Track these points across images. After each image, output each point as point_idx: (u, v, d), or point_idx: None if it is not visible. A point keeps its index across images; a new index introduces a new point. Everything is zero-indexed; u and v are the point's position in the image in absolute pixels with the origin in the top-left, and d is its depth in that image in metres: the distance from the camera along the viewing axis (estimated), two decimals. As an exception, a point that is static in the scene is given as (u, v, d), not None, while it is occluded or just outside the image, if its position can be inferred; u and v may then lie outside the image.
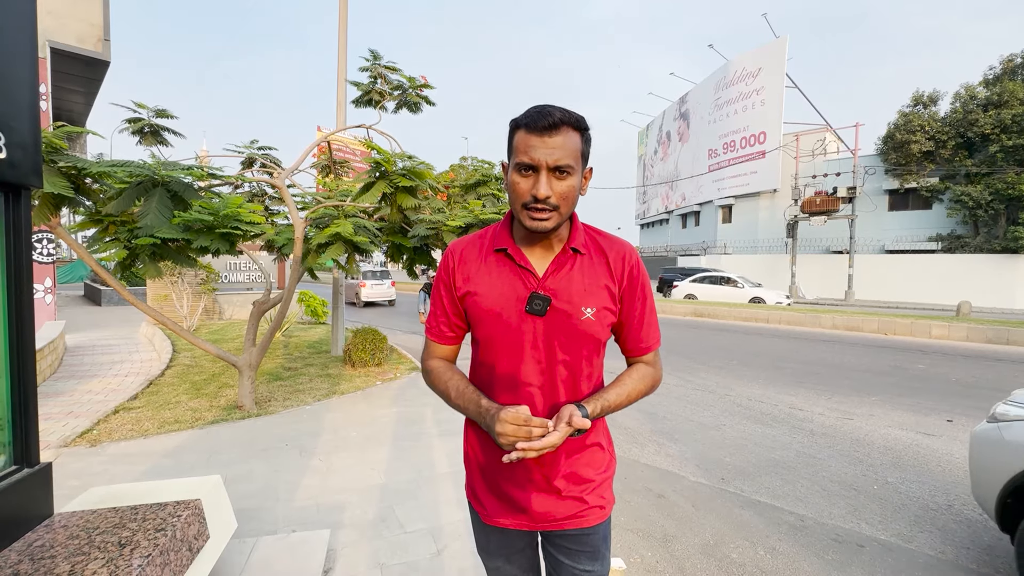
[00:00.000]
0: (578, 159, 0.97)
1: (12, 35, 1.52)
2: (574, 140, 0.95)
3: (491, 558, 1.21)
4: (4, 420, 1.61)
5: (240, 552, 2.31)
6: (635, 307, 1.09)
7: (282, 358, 7.20)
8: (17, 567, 1.38)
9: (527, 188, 0.96)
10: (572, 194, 0.98)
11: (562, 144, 0.94)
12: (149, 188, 3.56)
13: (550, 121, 0.93)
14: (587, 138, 1.00)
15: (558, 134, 0.93)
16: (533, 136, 0.94)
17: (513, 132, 0.99)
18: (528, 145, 0.94)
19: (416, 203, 5.03)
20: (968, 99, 20.24)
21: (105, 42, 7.95)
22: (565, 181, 0.96)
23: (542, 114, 0.93)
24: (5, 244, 1.59)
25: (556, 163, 0.93)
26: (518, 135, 0.97)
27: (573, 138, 0.95)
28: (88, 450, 3.73)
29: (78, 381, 5.74)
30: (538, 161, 0.93)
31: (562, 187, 0.96)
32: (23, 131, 1.57)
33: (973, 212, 19.97)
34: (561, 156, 0.93)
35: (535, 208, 0.96)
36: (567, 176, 0.96)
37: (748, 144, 27.13)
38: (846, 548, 2.65)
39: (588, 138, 1.00)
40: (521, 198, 0.97)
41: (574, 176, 0.97)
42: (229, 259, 13.44)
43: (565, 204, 0.97)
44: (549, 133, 0.93)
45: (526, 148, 0.94)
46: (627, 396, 1.07)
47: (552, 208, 0.96)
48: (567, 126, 0.94)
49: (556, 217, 0.97)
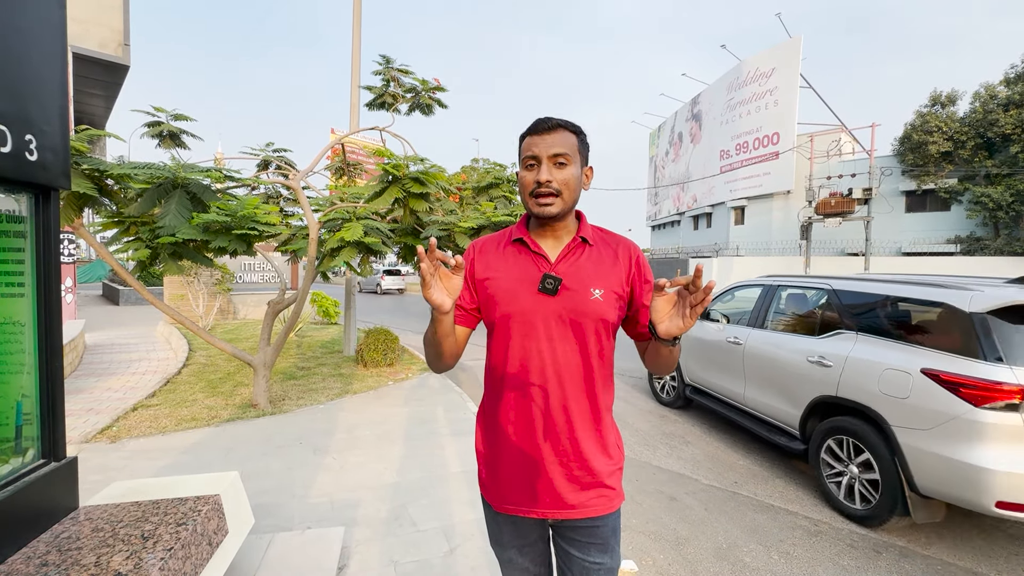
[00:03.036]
0: (575, 152, 1.12)
1: (44, 42, 1.57)
2: (570, 138, 1.12)
3: (504, 549, 1.24)
4: (33, 415, 1.66)
5: (257, 547, 2.35)
6: (645, 289, 1.19)
7: (295, 358, 7.28)
8: (46, 557, 1.42)
9: (532, 178, 1.11)
10: (572, 183, 1.12)
11: (559, 140, 1.10)
12: (169, 190, 3.64)
13: (548, 124, 1.11)
14: (583, 140, 1.15)
15: (555, 133, 1.11)
16: (535, 136, 1.12)
17: (521, 141, 1.16)
18: (531, 143, 1.12)
19: (428, 206, 5.07)
20: (988, 98, 19.82)
21: (125, 47, 8.12)
22: (564, 170, 1.10)
23: (543, 120, 1.13)
24: (36, 244, 1.64)
25: (554, 153, 1.09)
26: (524, 141, 1.14)
27: (569, 136, 1.12)
28: (109, 446, 3.81)
29: (98, 379, 5.87)
30: (538, 153, 1.10)
31: (562, 175, 1.10)
32: (54, 134, 1.62)
33: (993, 214, 19.55)
34: (558, 148, 1.10)
35: (539, 194, 1.10)
36: (565, 166, 1.10)
37: (761, 145, 26.84)
38: (862, 554, 2.62)
39: (584, 140, 1.16)
40: (528, 188, 1.12)
41: (572, 167, 1.11)
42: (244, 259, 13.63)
43: (567, 190, 1.11)
44: (549, 132, 1.11)
45: (529, 146, 1.12)
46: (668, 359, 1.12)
47: (555, 193, 1.10)
48: (562, 128, 1.11)
49: (560, 203, 1.11)
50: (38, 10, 1.56)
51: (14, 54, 1.46)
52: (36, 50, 1.54)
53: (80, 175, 3.37)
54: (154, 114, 5.08)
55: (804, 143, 24.31)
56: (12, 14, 1.46)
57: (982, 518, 2.98)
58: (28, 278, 1.63)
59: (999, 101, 19.49)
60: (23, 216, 1.61)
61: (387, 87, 6.29)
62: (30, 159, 1.52)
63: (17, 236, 1.60)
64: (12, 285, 1.59)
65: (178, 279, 10.56)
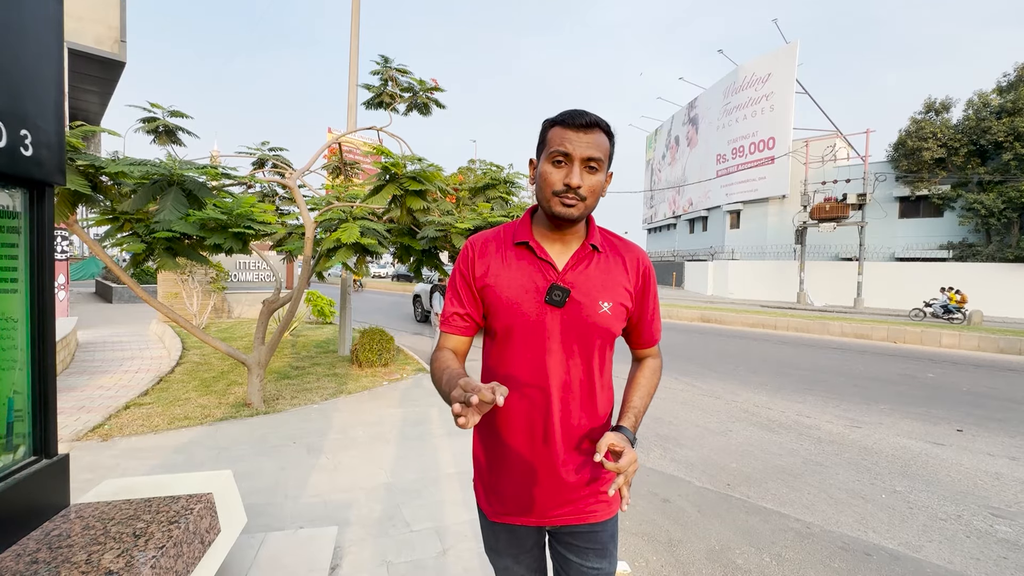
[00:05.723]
0: (606, 158, 1.04)
1: (40, 37, 1.57)
2: (605, 141, 1.03)
3: (499, 557, 1.22)
4: (24, 412, 1.65)
5: (249, 547, 2.34)
6: (648, 305, 1.17)
7: (290, 357, 7.25)
8: (36, 555, 1.41)
9: (560, 177, 1.02)
10: (599, 189, 1.04)
11: (595, 142, 1.01)
12: (165, 187, 3.62)
13: (587, 120, 1.00)
14: (613, 144, 1.07)
15: (592, 133, 1.01)
16: (570, 131, 1.01)
17: (547, 129, 1.05)
18: (564, 137, 1.01)
19: (425, 205, 5.07)
20: (981, 106, 20.04)
21: (121, 43, 8.09)
22: (594, 176, 1.03)
23: (579, 113, 1.01)
24: (30, 241, 1.63)
25: (589, 156, 1.00)
26: (553, 131, 1.03)
27: (604, 140, 1.03)
28: (100, 444, 3.78)
29: (90, 377, 5.82)
30: (572, 152, 1.00)
31: (591, 180, 1.02)
32: (49, 130, 1.61)
33: (985, 220, 19.75)
34: (594, 152, 1.01)
35: (566, 196, 1.02)
36: (596, 171, 1.03)
37: (757, 149, 27.00)
38: (853, 556, 2.63)
39: (614, 144, 1.08)
40: (553, 186, 1.02)
41: (601, 173, 1.04)
42: (239, 258, 13.57)
43: (592, 197, 1.04)
44: (585, 130, 1.00)
45: (562, 140, 1.01)
46: (649, 395, 1.19)
47: (581, 199, 1.02)
48: (599, 128, 1.02)
49: (583, 208, 1.03)
50: (34, 6, 1.55)
51: (10, 49, 1.45)
52: (32, 45, 1.54)
53: (75, 171, 3.35)
54: (150, 110, 5.06)
55: (799, 148, 24.47)
56: (8, 9, 1.45)
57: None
58: (21, 274, 1.62)
59: (992, 109, 19.71)
60: (17, 212, 1.61)
61: (385, 86, 6.29)
62: (25, 154, 1.51)
63: (11, 232, 1.60)
64: (5, 281, 1.58)
65: (172, 277, 10.49)
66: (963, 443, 4.36)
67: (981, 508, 3.19)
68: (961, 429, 4.74)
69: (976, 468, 3.83)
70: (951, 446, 4.29)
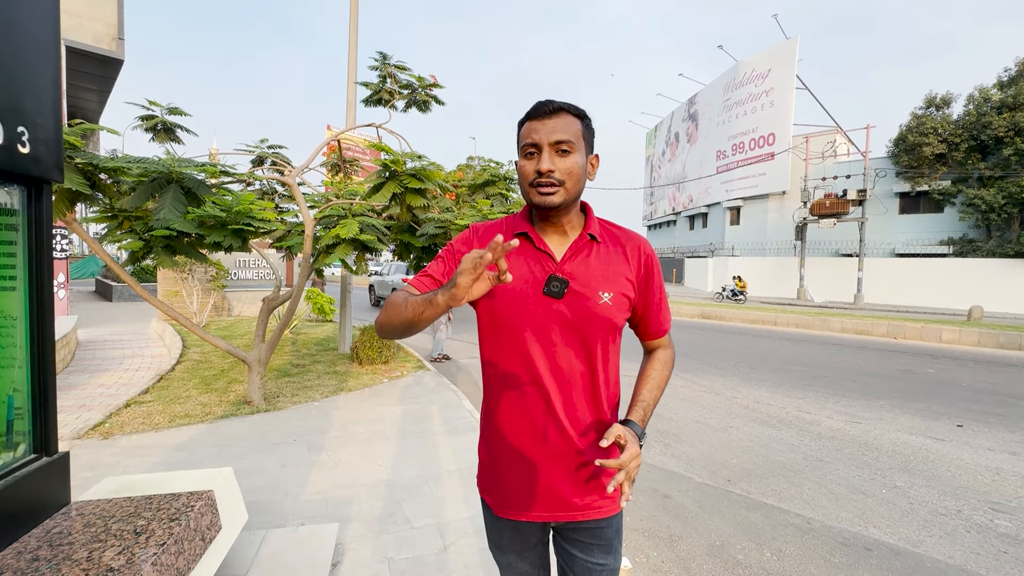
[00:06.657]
0: (579, 138, 1.02)
1: (37, 34, 1.56)
2: (573, 123, 1.01)
3: (503, 554, 1.20)
4: (24, 410, 1.65)
5: (251, 544, 2.34)
6: (653, 294, 1.14)
7: (290, 355, 7.26)
8: (37, 552, 1.41)
9: (532, 167, 1.01)
10: (576, 171, 1.02)
11: (561, 125, 1.00)
12: (164, 184, 3.61)
13: (549, 107, 1.01)
14: (588, 124, 1.05)
15: (557, 117, 1.00)
16: (535, 121, 1.01)
17: (519, 127, 1.06)
18: (531, 129, 1.02)
19: (425, 203, 5.06)
20: (982, 101, 19.97)
21: (120, 41, 8.05)
22: (567, 158, 1.01)
23: (544, 103, 1.02)
24: (28, 238, 1.63)
25: (556, 139, 0.99)
26: (523, 126, 1.04)
27: (572, 121, 1.01)
28: (101, 442, 3.78)
29: (90, 375, 5.83)
30: (539, 140, 1.00)
31: (565, 163, 1.00)
32: (46, 127, 1.60)
33: (986, 216, 19.71)
34: (561, 134, 0.99)
35: (540, 184, 1.01)
36: (568, 153, 1.01)
37: (757, 146, 26.95)
38: (853, 551, 2.64)
39: (589, 125, 1.06)
40: (527, 178, 1.03)
41: (576, 154, 1.01)
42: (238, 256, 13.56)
43: (570, 180, 1.01)
44: (548, 116, 1.00)
45: (528, 132, 1.02)
46: (660, 388, 1.17)
47: (558, 183, 1.00)
48: (565, 111, 1.01)
49: (563, 192, 1.01)
50: (31, 3, 1.54)
51: (7, 46, 1.45)
52: (29, 42, 1.53)
53: (73, 169, 3.34)
54: (149, 108, 5.04)
55: (800, 144, 24.44)
56: (5, 6, 1.44)
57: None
58: (20, 272, 1.61)
59: (992, 104, 19.65)
60: (15, 209, 1.60)
61: (384, 83, 6.26)
62: (22, 151, 1.51)
63: (9, 229, 1.59)
64: (4, 279, 1.57)
65: (172, 275, 10.49)
66: (963, 438, 4.36)
67: (981, 503, 3.19)
68: (961, 424, 4.75)
69: (976, 463, 3.83)
70: (951, 441, 4.29)
